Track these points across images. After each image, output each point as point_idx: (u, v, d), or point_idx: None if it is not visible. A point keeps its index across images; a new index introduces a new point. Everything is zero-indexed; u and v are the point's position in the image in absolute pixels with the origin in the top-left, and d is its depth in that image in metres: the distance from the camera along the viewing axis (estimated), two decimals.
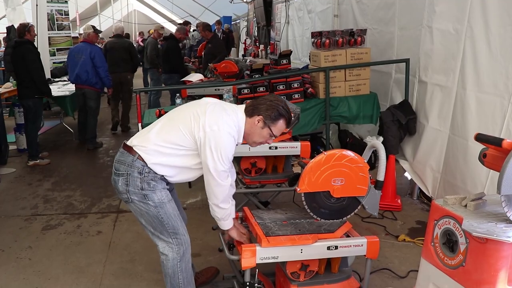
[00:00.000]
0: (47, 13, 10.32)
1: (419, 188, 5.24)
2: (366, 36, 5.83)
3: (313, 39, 5.91)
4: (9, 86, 9.19)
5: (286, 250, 2.88)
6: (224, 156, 2.82)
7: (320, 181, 2.94)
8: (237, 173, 4.42)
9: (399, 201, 5.17)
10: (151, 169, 2.91)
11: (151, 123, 4.87)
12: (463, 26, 4.37)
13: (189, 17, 24.74)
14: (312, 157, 5.96)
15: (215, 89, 6.24)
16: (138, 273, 3.94)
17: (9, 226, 4.99)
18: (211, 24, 10.99)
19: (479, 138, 2.41)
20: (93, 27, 8.40)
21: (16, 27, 7.31)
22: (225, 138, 2.82)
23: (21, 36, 7.05)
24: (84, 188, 6.09)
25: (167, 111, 5.31)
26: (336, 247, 2.94)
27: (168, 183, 3.05)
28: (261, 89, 5.49)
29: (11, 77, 9.81)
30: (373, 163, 5.51)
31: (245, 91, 5.49)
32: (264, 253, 2.85)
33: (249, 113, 2.94)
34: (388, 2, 5.89)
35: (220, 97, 6.01)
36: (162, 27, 11.69)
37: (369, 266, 3.10)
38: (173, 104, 7.10)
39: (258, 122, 2.91)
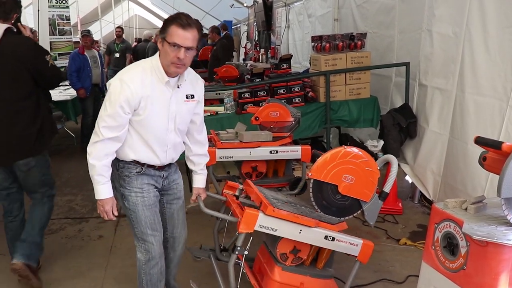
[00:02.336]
0: (49, 18, 10.33)
1: (420, 192, 5.24)
2: (366, 40, 5.84)
3: (313, 43, 5.92)
4: None
5: (286, 225, 2.85)
6: (108, 102, 2.70)
7: (333, 173, 2.93)
8: (238, 177, 4.44)
9: (400, 204, 5.17)
10: (121, 161, 2.90)
11: None
12: (462, 30, 4.38)
13: None
14: (313, 161, 5.98)
15: (216, 93, 6.25)
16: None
17: None
18: None
19: (479, 141, 2.42)
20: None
21: None
22: (113, 83, 2.72)
23: None
24: (85, 193, 6.08)
25: None
26: (333, 239, 2.95)
27: (161, 180, 3.01)
28: (262, 93, 5.50)
29: None
30: None
31: (246, 95, 5.50)
32: (265, 222, 2.81)
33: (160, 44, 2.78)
34: (388, 6, 5.91)
35: (221, 101, 6.03)
36: None
37: (356, 268, 3.08)
38: None
39: (160, 43, 2.72)
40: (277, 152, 4.21)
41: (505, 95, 3.88)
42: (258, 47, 13.12)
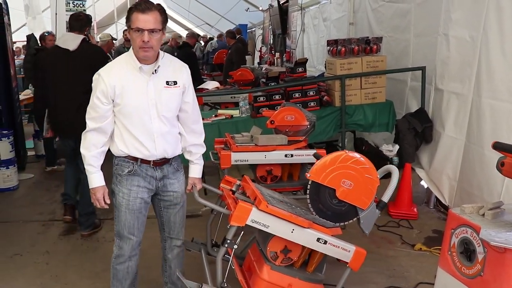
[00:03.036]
0: (66, 21, 10.43)
1: (436, 197, 5.21)
2: (381, 44, 5.82)
3: (328, 47, 5.92)
4: (28, 93, 9.29)
5: (279, 223, 2.82)
6: (91, 94, 2.88)
7: (331, 176, 2.89)
8: (253, 181, 4.44)
9: (415, 209, 5.14)
10: (116, 157, 3.00)
11: None
12: (478, 34, 4.35)
13: (205, 25, 24.91)
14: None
15: (231, 97, 6.27)
16: (153, 280, 3.96)
17: (27, 231, 5.05)
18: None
19: (497, 146, 2.40)
20: (111, 35, 8.57)
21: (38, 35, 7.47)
22: (93, 78, 2.89)
23: (41, 43, 7.18)
24: None
25: None
26: (326, 242, 2.90)
27: (155, 181, 3.02)
28: (277, 97, 5.50)
29: (30, 84, 9.93)
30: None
31: (261, 99, 5.51)
32: (258, 217, 2.79)
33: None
34: (403, 10, 5.89)
35: (236, 105, 6.05)
36: (180, 36, 11.79)
37: (346, 275, 3.03)
38: None
39: (129, 33, 2.85)
40: (292, 156, 4.21)
41: None
42: (273, 51, 13.12)
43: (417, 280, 3.86)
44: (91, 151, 2.91)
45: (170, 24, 36.48)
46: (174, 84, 2.93)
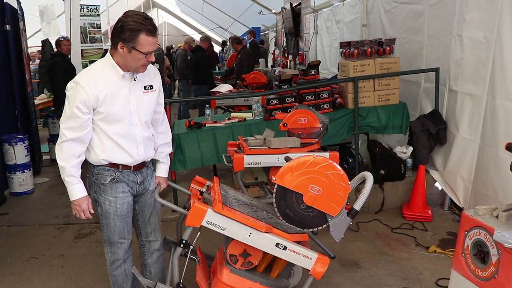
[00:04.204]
0: (80, 26, 10.56)
1: (450, 199, 5.17)
2: (395, 46, 5.79)
3: (341, 49, 5.90)
4: (43, 98, 9.43)
5: (235, 226, 2.77)
6: (67, 104, 2.77)
7: (298, 181, 2.80)
8: (266, 183, 4.45)
9: (429, 211, 5.11)
10: (95, 166, 2.94)
11: (181, 133, 4.95)
12: (493, 34, 4.32)
13: (218, 28, 25.00)
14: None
15: (244, 100, 6.28)
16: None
17: (43, 234, 5.10)
18: (242, 34, 11.11)
19: (510, 147, 2.39)
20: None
21: (55, 40, 7.56)
22: (70, 86, 2.79)
23: (56, 49, 7.27)
24: None
25: (197, 122, 5.40)
26: (285, 248, 2.82)
27: (136, 185, 3.03)
28: (290, 99, 5.50)
29: (45, 89, 10.07)
30: (402, 173, 5.46)
31: (274, 101, 5.51)
32: (213, 218, 2.75)
33: (113, 45, 2.76)
34: (417, 11, 5.86)
35: (249, 107, 6.06)
36: (193, 40, 11.86)
37: (309, 283, 2.92)
38: (202, 115, 7.18)
39: (122, 49, 2.71)
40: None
41: None
42: (286, 53, 13.15)
43: (431, 282, 3.84)
44: (70, 161, 2.80)
45: (183, 27, 36.74)
46: (151, 89, 2.95)
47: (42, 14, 11.82)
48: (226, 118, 5.66)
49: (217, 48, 21.95)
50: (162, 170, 3.23)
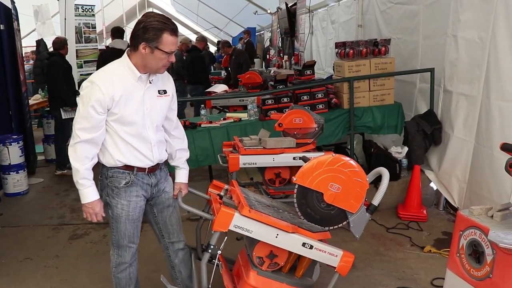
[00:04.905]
0: (75, 26, 10.53)
1: (445, 199, 5.18)
2: (390, 46, 5.81)
3: (337, 50, 5.91)
4: (38, 98, 9.40)
5: (262, 228, 2.76)
6: (81, 103, 2.72)
7: (318, 180, 2.83)
8: (261, 184, 4.44)
9: (424, 211, 5.12)
10: (110, 169, 2.91)
11: None
12: (487, 35, 4.33)
13: (213, 28, 24.97)
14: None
15: (240, 100, 6.27)
16: (162, 283, 3.96)
17: (37, 235, 5.09)
18: (238, 34, 11.10)
19: (505, 147, 2.39)
20: None
21: (53, 40, 7.51)
22: (84, 85, 2.74)
23: (55, 49, 7.23)
24: None
25: (192, 122, 5.40)
26: (311, 247, 2.83)
27: (151, 188, 3.01)
28: (285, 99, 5.50)
29: (39, 89, 10.04)
30: (398, 173, 5.47)
31: (269, 101, 5.51)
32: (240, 222, 2.74)
33: (133, 46, 2.74)
34: (412, 12, 5.87)
35: (244, 108, 6.06)
36: (190, 41, 11.86)
37: (335, 280, 2.95)
38: (197, 115, 7.17)
39: (144, 49, 2.68)
40: (300, 158, 4.19)
41: None
42: (281, 54, 13.14)
43: (426, 282, 3.85)
44: (85, 164, 2.78)
45: (179, 27, 36.64)
46: (165, 93, 2.93)
47: (36, 14, 11.76)
48: (222, 118, 5.65)
49: (212, 48, 21.95)
50: (183, 176, 3.21)
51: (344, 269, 2.89)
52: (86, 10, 11.05)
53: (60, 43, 7.26)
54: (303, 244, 2.83)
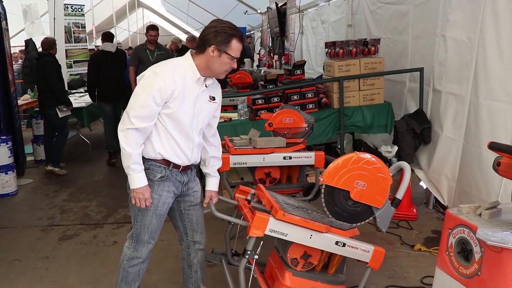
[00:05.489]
0: (65, 26, 10.48)
1: (435, 197, 5.21)
2: (379, 46, 5.83)
3: (327, 49, 5.92)
4: (27, 98, 9.32)
5: (297, 230, 2.85)
6: (140, 91, 2.77)
7: (344, 179, 2.91)
8: (252, 184, 4.45)
9: (414, 210, 5.14)
10: (147, 160, 2.92)
11: None
12: (476, 35, 4.36)
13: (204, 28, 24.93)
14: (326, 166, 5.95)
15: (230, 100, 6.27)
16: (153, 283, 3.96)
17: (26, 236, 5.05)
18: None
19: (493, 146, 2.41)
20: None
21: (42, 40, 7.49)
22: (146, 74, 2.81)
23: (45, 49, 7.22)
24: (100, 199, 6.14)
25: None
26: (344, 245, 2.93)
27: (181, 186, 3.03)
28: (275, 99, 5.51)
29: (28, 89, 9.97)
30: None
31: (260, 101, 5.52)
32: (275, 226, 2.81)
33: (199, 48, 2.84)
34: (401, 12, 5.90)
35: (234, 107, 6.05)
36: (180, 40, 11.84)
37: (368, 274, 3.07)
38: None
39: (213, 52, 2.78)
40: (290, 158, 4.20)
41: None
42: (271, 53, 13.15)
43: (416, 280, 3.86)
44: (136, 149, 2.81)
45: (169, 27, 36.57)
46: (213, 100, 3.00)
47: (25, 13, 11.69)
48: None
49: None
50: (214, 184, 3.24)
51: (376, 263, 3.01)
52: (75, 9, 11.00)
53: (49, 43, 7.26)
54: (336, 243, 2.93)
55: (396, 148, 5.43)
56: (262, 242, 2.88)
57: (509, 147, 2.34)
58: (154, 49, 7.96)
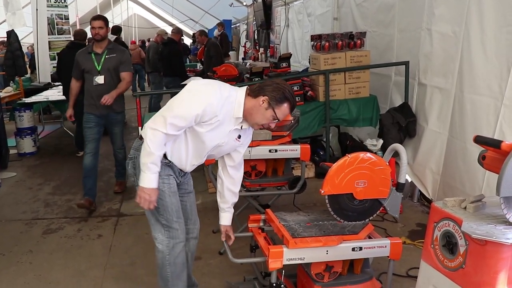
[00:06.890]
0: (47, 17, 10.35)
1: (420, 191, 5.24)
2: (365, 39, 5.84)
3: (312, 42, 5.92)
4: (9, 90, 9.21)
5: (312, 252, 2.91)
6: (188, 104, 2.76)
7: (344, 183, 2.95)
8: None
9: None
10: None
11: None
12: (461, 29, 4.39)
13: (189, 20, 24.80)
14: (312, 160, 5.94)
15: None
16: (138, 277, 3.94)
17: (10, 230, 4.99)
18: (213, 26, 11.05)
19: (478, 140, 2.42)
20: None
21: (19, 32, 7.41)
22: (204, 89, 2.81)
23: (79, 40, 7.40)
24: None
25: None
26: (361, 248, 2.98)
27: (179, 176, 3.08)
28: None
29: (11, 81, 9.85)
30: None
31: None
32: (291, 255, 2.88)
33: (254, 92, 2.84)
34: (388, 5, 5.91)
35: None
36: (166, 32, 11.75)
37: (392, 267, 3.13)
38: None
39: (263, 102, 2.79)
40: (276, 151, 4.20)
41: (500, 94, 3.89)
42: (257, 46, 13.14)
43: (402, 272, 3.89)
44: (159, 151, 2.81)
45: (154, 20, 36.31)
46: (239, 138, 2.99)
47: (6, 4, 11.48)
48: None
49: (187, 40, 21.79)
50: (228, 219, 3.24)
51: (397, 255, 3.06)
52: (58, 1, 10.87)
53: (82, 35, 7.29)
54: (353, 249, 2.98)
55: (381, 141, 5.45)
56: (283, 271, 2.96)
57: (494, 141, 2.35)
58: (102, 51, 5.44)
